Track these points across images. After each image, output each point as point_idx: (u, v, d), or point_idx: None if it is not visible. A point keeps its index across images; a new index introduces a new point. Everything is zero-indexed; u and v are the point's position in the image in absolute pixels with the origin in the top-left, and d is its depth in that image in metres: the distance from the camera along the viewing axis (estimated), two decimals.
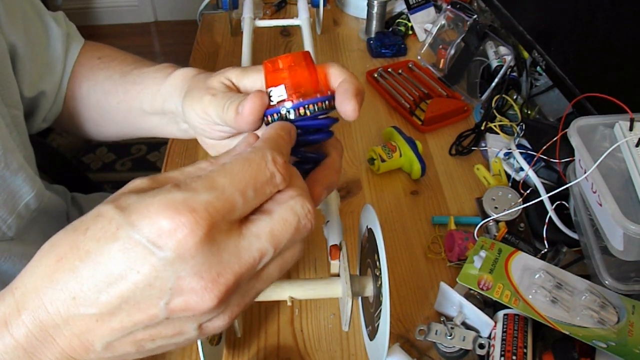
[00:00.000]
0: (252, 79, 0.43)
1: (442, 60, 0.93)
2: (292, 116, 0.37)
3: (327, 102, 0.38)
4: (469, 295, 0.56)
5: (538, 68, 0.82)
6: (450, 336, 0.53)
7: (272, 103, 0.38)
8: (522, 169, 0.72)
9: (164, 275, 0.27)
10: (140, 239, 0.27)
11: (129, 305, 0.28)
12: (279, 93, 0.37)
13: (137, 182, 0.31)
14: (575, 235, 0.63)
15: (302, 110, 0.37)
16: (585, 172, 0.55)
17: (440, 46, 0.94)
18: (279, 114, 0.37)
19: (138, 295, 0.28)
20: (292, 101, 0.37)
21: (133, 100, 0.57)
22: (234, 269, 0.29)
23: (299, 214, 0.31)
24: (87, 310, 0.28)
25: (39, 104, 0.62)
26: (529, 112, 0.83)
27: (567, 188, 0.62)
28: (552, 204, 0.65)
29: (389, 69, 0.94)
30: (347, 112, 0.38)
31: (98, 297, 0.28)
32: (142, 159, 2.01)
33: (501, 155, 0.76)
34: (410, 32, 1.04)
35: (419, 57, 0.96)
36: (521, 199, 0.67)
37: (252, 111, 0.38)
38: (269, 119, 0.38)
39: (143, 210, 0.28)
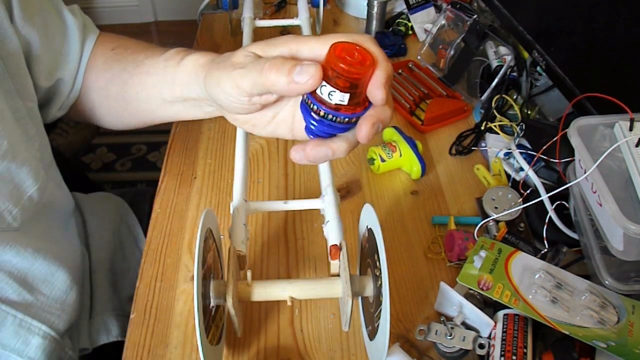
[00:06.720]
0: (310, 47, 0.40)
1: (442, 60, 0.93)
2: (330, 117, 0.36)
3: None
4: (469, 295, 0.56)
5: (538, 68, 0.82)
6: (450, 336, 0.53)
7: (323, 97, 0.35)
8: (522, 169, 0.72)
9: None
10: None
11: None
12: (340, 97, 0.35)
13: None
14: (575, 235, 0.63)
15: (347, 119, 0.36)
16: (585, 172, 0.55)
17: (440, 46, 0.94)
18: (319, 112, 0.36)
19: None
20: (349, 113, 0.36)
21: (151, 90, 0.58)
22: None
23: None
24: None
25: (57, 92, 0.63)
26: (529, 112, 0.83)
27: (567, 188, 0.62)
28: (552, 204, 0.65)
29: None
30: (375, 99, 0.38)
31: None
32: (142, 159, 2.01)
33: (501, 155, 0.76)
34: (410, 32, 1.04)
35: (419, 57, 0.96)
36: (521, 199, 0.67)
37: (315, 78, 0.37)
38: (310, 103, 0.36)
39: None
